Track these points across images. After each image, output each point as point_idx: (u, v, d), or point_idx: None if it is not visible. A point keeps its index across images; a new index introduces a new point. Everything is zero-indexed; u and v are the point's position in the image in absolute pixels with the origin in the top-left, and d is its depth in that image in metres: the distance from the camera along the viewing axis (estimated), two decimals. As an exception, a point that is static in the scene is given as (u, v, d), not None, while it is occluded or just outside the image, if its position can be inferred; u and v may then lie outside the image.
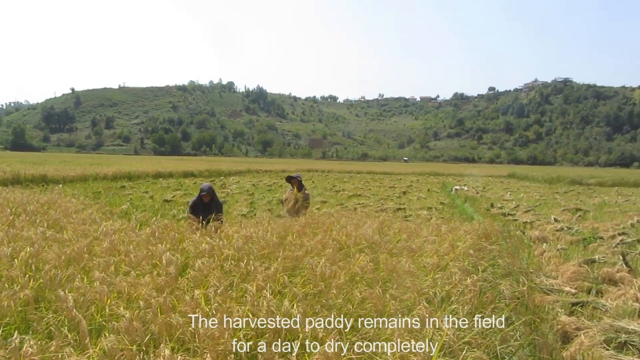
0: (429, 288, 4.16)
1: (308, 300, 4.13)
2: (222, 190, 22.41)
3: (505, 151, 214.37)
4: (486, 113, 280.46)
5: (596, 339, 4.28)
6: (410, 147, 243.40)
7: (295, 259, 5.31)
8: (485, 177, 50.49)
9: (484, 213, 15.46)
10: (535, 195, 24.12)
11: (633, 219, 14.11)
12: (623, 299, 5.97)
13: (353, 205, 16.93)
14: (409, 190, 26.16)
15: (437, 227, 7.56)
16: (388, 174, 51.00)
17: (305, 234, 6.92)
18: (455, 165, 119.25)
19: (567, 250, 8.94)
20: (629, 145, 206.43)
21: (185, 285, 4.46)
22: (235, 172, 41.87)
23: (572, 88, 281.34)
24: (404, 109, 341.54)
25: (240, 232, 6.66)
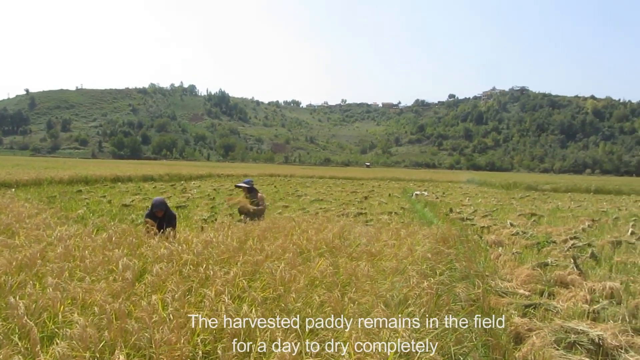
0: (387, 291, 4.23)
1: (267, 304, 4.13)
2: (183, 195, 22.12)
3: (465, 157, 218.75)
4: (446, 120, 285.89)
5: (547, 339, 4.42)
6: (373, 153, 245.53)
7: (256, 264, 5.30)
8: (445, 182, 51.39)
9: (443, 218, 15.73)
10: (493, 201, 24.69)
11: (584, 223, 14.63)
12: (573, 301, 6.20)
13: (315, 209, 16.97)
14: (371, 195, 26.38)
15: (397, 232, 7.67)
16: (350, 179, 51.29)
17: (266, 239, 6.92)
18: (416, 171, 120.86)
19: (521, 254, 9.20)
20: (582, 152, 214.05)
21: (142, 291, 4.39)
22: (197, 177, 41.36)
23: (528, 97, 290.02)
24: (366, 115, 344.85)
25: (200, 236, 6.61)
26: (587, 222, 14.99)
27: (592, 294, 6.54)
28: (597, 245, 10.63)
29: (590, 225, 14.49)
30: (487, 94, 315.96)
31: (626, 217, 17.41)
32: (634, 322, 5.50)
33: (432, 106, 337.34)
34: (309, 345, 3.19)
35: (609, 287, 6.72)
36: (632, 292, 6.72)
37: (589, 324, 4.97)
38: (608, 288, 6.71)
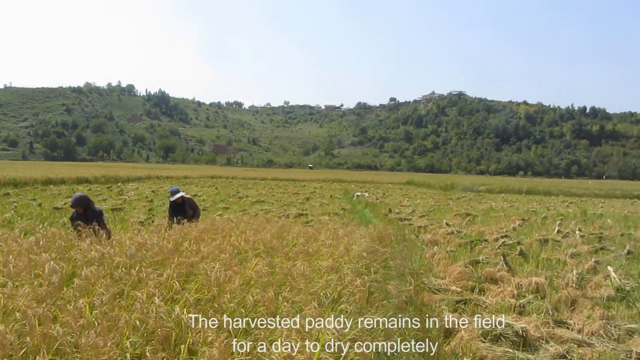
0: (321, 289, 4.28)
1: (201, 305, 4.09)
2: (119, 197, 21.47)
3: (405, 159, 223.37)
4: (387, 122, 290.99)
5: (475, 332, 4.60)
6: (315, 155, 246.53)
7: (191, 265, 5.23)
8: (386, 184, 52.33)
9: (383, 218, 16.03)
10: (431, 201, 25.37)
11: (515, 222, 15.29)
12: (501, 296, 6.47)
13: (256, 211, 16.89)
14: (312, 197, 26.51)
15: (335, 232, 7.76)
16: (292, 181, 51.39)
17: (203, 240, 6.84)
18: (358, 173, 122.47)
19: (455, 252, 9.51)
20: (515, 155, 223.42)
21: (71, 295, 4.24)
22: (135, 178, 40.27)
23: (465, 101, 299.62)
24: (309, 117, 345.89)
25: (134, 238, 6.45)
26: (517, 221, 15.67)
27: (519, 289, 6.86)
28: (525, 243, 11.14)
29: (521, 224, 15.16)
30: (427, 98, 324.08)
31: (554, 216, 18.31)
32: (556, 314, 5.81)
33: (374, 109, 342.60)
34: (240, 345, 3.18)
35: (534, 283, 7.06)
36: (556, 287, 7.09)
37: (514, 318, 5.21)
38: (534, 283, 7.05)
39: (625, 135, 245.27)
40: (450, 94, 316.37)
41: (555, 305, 6.27)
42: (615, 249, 10.79)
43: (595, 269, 8.54)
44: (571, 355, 4.18)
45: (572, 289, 6.95)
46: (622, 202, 35.53)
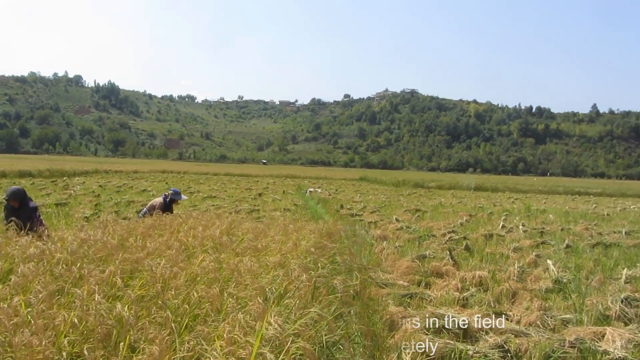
0: (267, 285, 4.28)
1: (144, 302, 4.02)
2: (65, 192, 20.77)
3: (359, 156, 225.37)
4: (341, 119, 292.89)
5: (418, 325, 4.71)
6: (269, 150, 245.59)
7: (136, 261, 5.12)
8: (339, 180, 52.67)
9: (334, 214, 16.14)
10: (382, 197, 25.72)
11: (462, 218, 15.71)
12: (446, 289, 6.65)
13: (207, 206, 16.70)
14: (265, 192, 26.42)
15: (285, 227, 7.76)
16: (246, 176, 51.02)
17: (150, 236, 6.72)
18: (311, 168, 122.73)
19: (403, 248, 9.70)
20: (465, 152, 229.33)
21: (7, 293, 4.08)
22: (81, 172, 38.99)
23: (418, 99, 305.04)
24: (263, 112, 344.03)
25: (78, 234, 6.27)
26: (465, 217, 16.11)
27: (463, 283, 7.07)
28: (471, 238, 11.48)
29: (468, 220, 15.59)
30: (381, 95, 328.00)
31: (499, 212, 18.92)
32: (497, 306, 6.02)
33: (328, 105, 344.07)
34: (183, 341, 3.15)
35: (478, 276, 7.29)
36: (498, 280, 7.34)
37: (457, 310, 5.36)
38: (477, 277, 7.28)
39: (568, 134, 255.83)
40: (403, 91, 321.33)
41: (497, 297, 6.50)
42: (555, 243, 11.26)
43: (536, 262, 8.89)
44: (508, 345, 4.34)
45: (513, 281, 7.22)
46: (564, 198, 37.03)
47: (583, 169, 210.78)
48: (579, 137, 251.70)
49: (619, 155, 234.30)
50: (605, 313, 5.88)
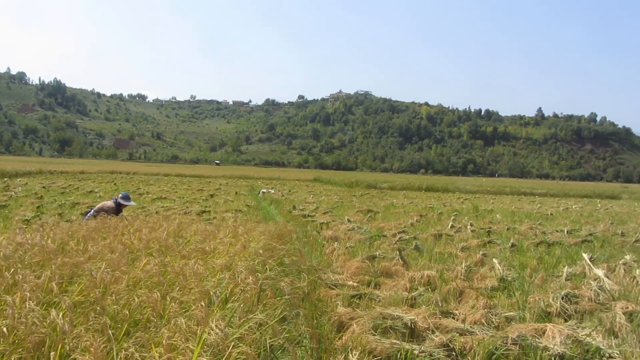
0: (212, 288, 4.19)
1: (82, 308, 3.86)
2: (5, 194, 19.87)
3: (313, 156, 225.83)
4: (295, 120, 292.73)
5: (366, 326, 4.71)
6: (223, 151, 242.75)
7: (75, 266, 4.93)
8: (293, 180, 52.61)
9: (287, 215, 16.08)
10: (335, 198, 25.81)
11: (413, 218, 15.93)
12: (395, 289, 6.69)
13: (156, 208, 16.33)
14: (217, 193, 26.06)
15: (234, 229, 7.66)
16: (198, 177, 50.27)
17: (92, 239, 6.49)
18: (265, 169, 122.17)
19: (354, 248, 9.73)
20: (417, 154, 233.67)
21: None
22: (24, 173, 37.41)
23: (371, 101, 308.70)
24: (216, 112, 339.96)
25: (13, 238, 5.99)
26: (415, 217, 16.34)
27: (412, 283, 7.13)
28: (421, 238, 11.64)
29: (418, 220, 15.82)
30: (334, 97, 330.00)
31: (449, 212, 19.29)
32: (444, 305, 6.11)
33: (282, 106, 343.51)
34: (121, 348, 3.03)
35: (426, 276, 7.38)
36: (446, 279, 7.45)
37: (405, 310, 5.40)
38: (426, 276, 7.37)
39: (515, 136, 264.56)
40: (357, 93, 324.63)
41: (445, 296, 6.59)
42: (501, 242, 11.55)
43: (483, 261, 9.08)
44: (453, 344, 4.40)
45: (460, 280, 7.34)
46: (510, 198, 38.16)
47: (529, 170, 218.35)
48: (525, 139, 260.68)
49: (563, 157, 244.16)
50: (546, 310, 6.05)
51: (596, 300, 6.58)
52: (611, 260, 9.54)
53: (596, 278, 7.60)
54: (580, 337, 4.58)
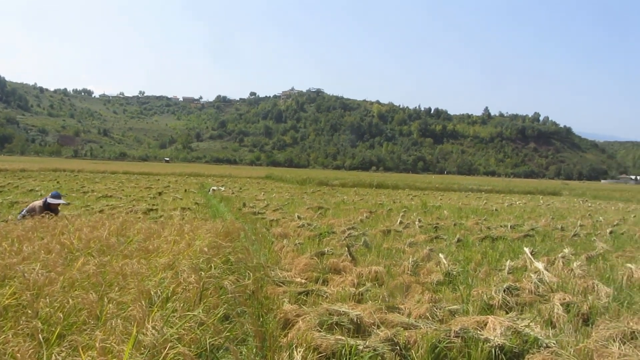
0: (153, 287, 4.06)
1: (13, 312, 3.67)
2: (-64, 192, 18.79)
3: (265, 154, 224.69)
4: (247, 117, 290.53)
5: (312, 322, 4.69)
6: (173, 148, 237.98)
7: (8, 267, 4.69)
8: (244, 178, 52.16)
9: (236, 212, 15.90)
10: (286, 195, 25.74)
11: (363, 215, 16.05)
12: (342, 286, 6.71)
13: (100, 207, 15.79)
14: (166, 191, 25.52)
15: (180, 227, 7.49)
16: (146, 175, 49.12)
17: (28, 239, 6.20)
18: (216, 167, 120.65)
19: (303, 245, 9.70)
20: (369, 151, 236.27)
21: None
22: (-41, 171, 35.57)
23: (323, 98, 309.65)
24: (166, 108, 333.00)
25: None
26: (365, 213, 16.48)
27: (359, 278, 7.16)
28: (370, 234, 11.73)
29: (368, 216, 15.96)
30: (287, 94, 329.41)
31: (398, 208, 19.56)
32: (391, 300, 6.16)
33: (234, 103, 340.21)
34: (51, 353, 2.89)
35: (374, 271, 7.43)
36: (393, 274, 7.53)
37: (351, 306, 5.41)
38: (373, 272, 7.41)
39: (463, 135, 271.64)
40: (309, 90, 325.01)
41: (391, 291, 6.65)
42: (447, 237, 11.79)
43: (429, 256, 9.23)
44: (398, 338, 4.43)
45: (407, 275, 7.44)
46: (458, 195, 39.09)
47: (476, 167, 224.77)
48: (473, 137, 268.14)
49: (508, 155, 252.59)
50: (489, 302, 6.20)
51: (536, 292, 6.80)
52: (551, 253, 9.88)
53: (536, 271, 7.86)
54: (520, 328, 4.70)
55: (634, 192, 49.58)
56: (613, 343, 4.74)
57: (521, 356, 4.26)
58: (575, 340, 4.80)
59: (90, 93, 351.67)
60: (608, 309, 6.15)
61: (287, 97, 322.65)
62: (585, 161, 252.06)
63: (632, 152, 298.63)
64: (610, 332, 5.15)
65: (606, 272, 8.37)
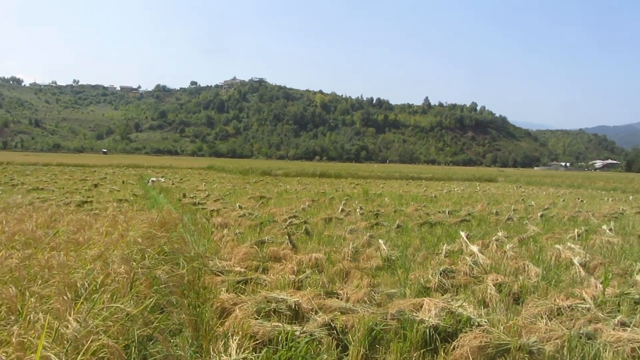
0: (80, 279, 3.89)
1: None
2: None
3: (207, 144, 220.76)
4: (188, 107, 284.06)
5: (249, 310, 4.64)
6: (110, 139, 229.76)
7: None
8: (186, 169, 51.15)
9: (176, 203, 15.55)
10: (228, 186, 25.44)
11: (305, 203, 16.07)
12: (282, 273, 6.68)
13: (31, 199, 15.05)
14: (102, 183, 24.67)
15: (114, 218, 7.23)
16: (82, 167, 47.31)
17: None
18: (156, 158, 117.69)
19: (243, 234, 9.60)
20: (312, 141, 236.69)
21: None
22: None
23: (266, 88, 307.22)
24: (102, 98, 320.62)
25: None
26: (307, 202, 16.50)
27: (300, 266, 7.16)
28: (312, 222, 11.76)
29: (310, 205, 15.99)
30: (228, 83, 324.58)
31: (340, 197, 19.71)
32: (330, 286, 6.19)
33: (174, 92, 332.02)
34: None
35: (314, 258, 7.45)
36: (333, 261, 7.56)
37: (290, 293, 5.39)
38: (314, 259, 7.43)
39: (404, 124, 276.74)
40: (252, 80, 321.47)
41: (331, 278, 6.68)
42: (388, 224, 11.98)
43: (370, 242, 9.35)
44: (335, 322, 4.45)
45: (347, 261, 7.49)
46: (399, 183, 39.80)
47: (417, 156, 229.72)
48: (414, 127, 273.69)
49: (447, 143, 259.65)
50: (426, 285, 6.34)
51: (471, 274, 7.02)
52: (486, 237, 10.22)
53: (471, 254, 8.11)
54: (454, 308, 4.83)
55: (563, 178, 52.11)
56: (541, 319, 4.96)
57: (454, 335, 4.37)
58: (506, 318, 4.98)
59: (20, 82, 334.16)
60: (537, 287, 6.43)
61: (229, 86, 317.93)
62: (519, 149, 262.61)
63: (562, 140, 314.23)
64: (539, 309, 5.39)
65: (536, 253, 8.75)
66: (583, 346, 4.23)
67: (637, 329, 4.52)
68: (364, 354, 4.10)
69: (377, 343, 4.28)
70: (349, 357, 4.03)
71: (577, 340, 4.27)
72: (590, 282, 6.59)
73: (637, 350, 4.11)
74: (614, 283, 6.54)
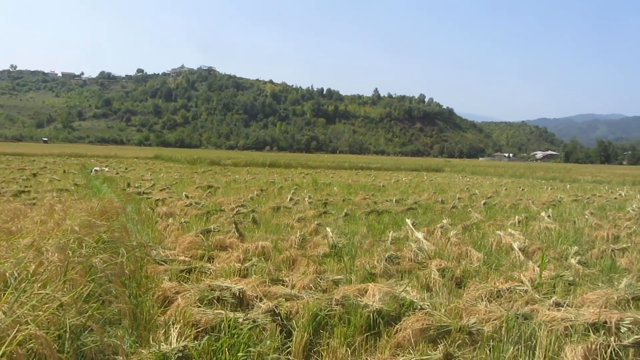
0: (9, 269, 3.70)
1: None
2: None
3: (154, 134, 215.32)
4: (135, 95, 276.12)
5: (192, 298, 4.56)
6: (51, 127, 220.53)
7: None
8: (132, 158, 49.83)
9: (120, 193, 15.12)
10: (175, 175, 24.94)
11: (253, 193, 15.96)
12: (228, 262, 6.61)
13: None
14: (42, 172, 23.68)
15: (51, 207, 6.94)
16: (20, 156, 45.29)
17: None
18: (101, 147, 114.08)
19: (189, 223, 9.43)
20: (262, 131, 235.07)
21: None
22: None
23: (215, 77, 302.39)
24: (42, 85, 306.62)
25: None
26: (256, 191, 16.39)
27: (246, 254, 7.09)
28: (259, 211, 11.68)
29: (259, 194, 15.89)
30: (176, 72, 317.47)
31: (289, 186, 19.66)
32: (276, 274, 6.15)
33: (120, 80, 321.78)
34: None
35: (261, 247, 7.39)
36: (280, 249, 7.54)
37: (235, 281, 5.33)
38: (260, 247, 7.38)
39: (354, 115, 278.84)
40: (200, 68, 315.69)
41: (278, 265, 6.66)
42: (336, 212, 12.05)
43: (317, 230, 9.38)
44: (279, 309, 4.43)
45: (294, 249, 7.49)
46: (349, 172, 40.13)
47: (367, 146, 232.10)
48: (364, 117, 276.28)
49: (396, 134, 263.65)
50: (371, 271, 6.42)
51: (415, 260, 7.15)
52: (431, 224, 10.43)
53: (416, 240, 8.28)
54: (397, 293, 4.90)
55: (506, 168, 53.95)
56: (481, 302, 5.10)
57: (398, 319, 4.43)
58: (448, 301, 5.10)
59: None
60: (479, 272, 6.62)
61: (177, 75, 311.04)
62: (465, 140, 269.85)
63: (506, 132, 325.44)
64: (479, 292, 5.55)
65: (479, 239, 9.01)
66: (520, 326, 4.37)
67: (570, 309, 4.73)
68: (308, 339, 4.09)
69: (321, 328, 4.28)
70: (293, 342, 4.01)
71: (514, 320, 4.41)
72: (529, 266, 6.85)
73: (569, 328, 4.28)
74: (551, 266, 6.82)
